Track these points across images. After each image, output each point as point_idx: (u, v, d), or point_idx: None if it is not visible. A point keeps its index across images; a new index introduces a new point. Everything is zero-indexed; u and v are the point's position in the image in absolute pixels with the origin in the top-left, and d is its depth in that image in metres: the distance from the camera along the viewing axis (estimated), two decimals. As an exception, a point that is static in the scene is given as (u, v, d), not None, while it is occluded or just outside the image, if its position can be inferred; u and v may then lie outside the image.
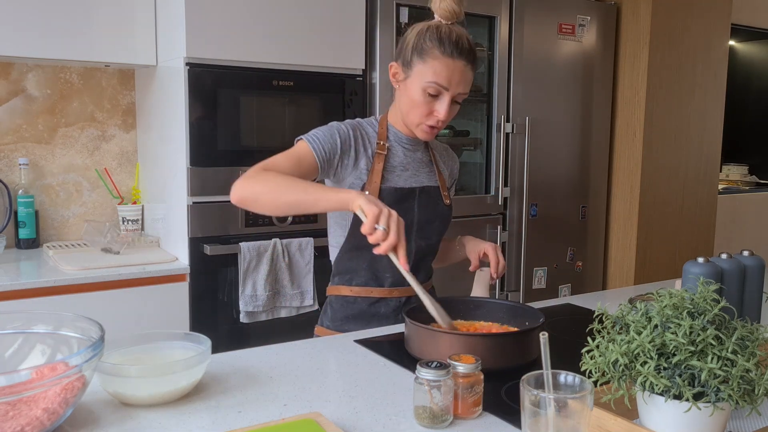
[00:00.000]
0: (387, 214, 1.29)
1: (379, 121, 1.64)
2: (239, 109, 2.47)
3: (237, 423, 1.05)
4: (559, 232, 3.43)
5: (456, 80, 1.49)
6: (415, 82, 1.51)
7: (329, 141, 1.53)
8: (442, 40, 1.47)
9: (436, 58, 1.47)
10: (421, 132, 1.57)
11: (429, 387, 1.03)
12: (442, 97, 1.50)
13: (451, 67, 1.47)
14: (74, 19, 2.43)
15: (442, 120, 1.52)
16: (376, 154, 1.59)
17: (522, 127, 3.19)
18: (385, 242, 1.28)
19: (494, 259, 1.64)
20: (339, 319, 1.65)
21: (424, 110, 1.52)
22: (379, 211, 1.28)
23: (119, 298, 2.27)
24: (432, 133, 1.57)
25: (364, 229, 1.29)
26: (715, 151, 3.84)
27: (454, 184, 1.80)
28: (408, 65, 1.52)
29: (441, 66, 1.47)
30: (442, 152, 1.76)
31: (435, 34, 1.48)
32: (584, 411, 0.87)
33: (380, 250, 1.29)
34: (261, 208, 1.42)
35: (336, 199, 1.35)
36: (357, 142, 1.58)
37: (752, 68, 5.29)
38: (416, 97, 1.51)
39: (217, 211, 2.46)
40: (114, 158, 2.85)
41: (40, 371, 0.94)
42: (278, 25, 2.51)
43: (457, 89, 1.50)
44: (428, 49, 1.48)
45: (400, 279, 1.62)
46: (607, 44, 3.49)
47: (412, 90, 1.52)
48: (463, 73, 1.49)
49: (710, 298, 0.96)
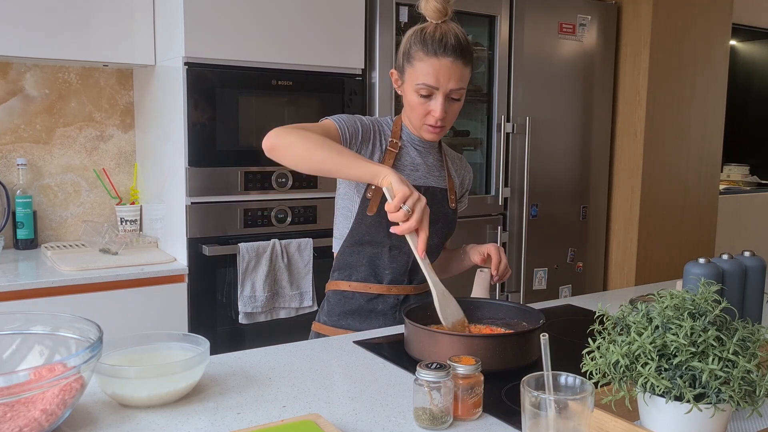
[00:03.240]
0: (416, 198, 1.30)
1: (395, 120, 1.67)
2: (238, 109, 2.47)
3: (236, 424, 1.04)
4: (560, 232, 3.42)
5: (444, 78, 1.51)
6: (408, 87, 1.56)
7: (353, 125, 1.57)
8: (425, 42, 1.51)
9: (421, 60, 1.51)
10: (426, 133, 1.60)
11: (429, 388, 1.02)
12: (435, 97, 1.53)
13: (437, 66, 1.50)
14: (72, 19, 2.42)
15: (439, 118, 1.54)
16: (388, 151, 1.61)
17: (522, 127, 3.19)
18: (405, 223, 1.30)
19: (496, 257, 1.65)
20: (336, 315, 1.66)
21: (421, 111, 1.55)
22: (408, 193, 1.30)
23: (118, 298, 2.27)
24: (436, 133, 1.59)
25: (388, 207, 1.30)
26: (716, 151, 3.84)
27: (466, 193, 1.82)
28: (402, 71, 1.58)
29: (427, 67, 1.51)
30: (455, 161, 1.78)
31: (419, 36, 1.52)
32: (585, 412, 0.86)
33: (398, 229, 1.31)
34: (291, 158, 1.42)
35: (367, 169, 1.36)
36: (375, 136, 1.61)
37: (753, 68, 5.29)
38: (412, 100, 1.55)
39: (216, 212, 2.45)
40: (112, 158, 2.84)
41: (38, 372, 0.94)
42: (277, 24, 2.50)
43: (448, 86, 1.52)
44: (414, 52, 1.52)
45: (399, 277, 1.62)
46: (607, 44, 3.48)
47: (408, 94, 1.56)
48: (450, 70, 1.51)
49: (711, 298, 0.96)
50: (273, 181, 2.52)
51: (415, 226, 1.30)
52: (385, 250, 1.60)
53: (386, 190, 1.33)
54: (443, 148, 1.74)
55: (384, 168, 1.34)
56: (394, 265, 1.61)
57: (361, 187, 1.60)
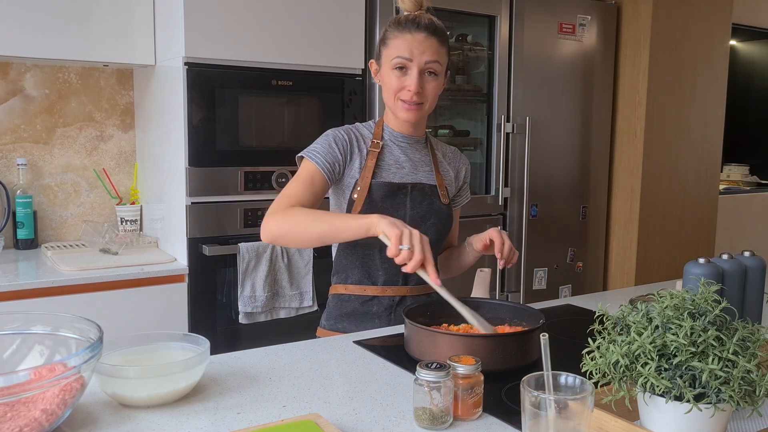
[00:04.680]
0: (408, 234, 1.34)
1: (376, 122, 1.68)
2: (238, 109, 2.47)
3: (236, 424, 1.04)
4: (560, 232, 3.42)
5: (418, 50, 1.53)
6: (385, 68, 1.59)
7: (329, 153, 1.59)
8: (399, 22, 1.57)
9: (396, 37, 1.56)
10: (401, 111, 1.60)
11: (429, 388, 1.02)
12: (410, 71, 1.55)
13: (410, 40, 1.54)
14: (73, 19, 2.42)
15: (414, 92, 1.55)
16: (370, 152, 1.63)
17: (522, 127, 3.19)
18: (411, 261, 1.33)
19: (498, 241, 1.59)
20: (333, 318, 1.68)
21: (396, 86, 1.57)
22: (400, 233, 1.33)
23: (118, 298, 2.27)
24: (412, 110, 1.58)
25: (390, 252, 1.34)
26: (716, 151, 3.84)
27: (465, 186, 1.81)
28: (378, 57, 1.62)
29: (400, 42, 1.55)
30: (448, 153, 1.77)
31: (394, 20, 1.58)
32: (585, 412, 0.86)
33: (408, 269, 1.34)
34: (292, 243, 1.52)
35: (358, 226, 1.41)
36: (352, 144, 1.63)
37: (753, 68, 5.29)
38: (387, 79, 1.58)
39: (216, 212, 2.45)
40: (112, 158, 2.84)
41: (38, 372, 0.94)
42: (277, 24, 2.50)
43: (422, 58, 1.54)
44: (389, 34, 1.58)
45: (393, 277, 1.63)
46: (607, 44, 3.48)
47: (385, 75, 1.59)
48: (423, 43, 1.54)
49: (711, 298, 0.96)
50: (273, 181, 2.52)
51: (421, 258, 1.32)
52: (375, 251, 1.61)
53: (383, 238, 1.37)
54: (432, 143, 1.73)
55: (372, 218, 1.39)
56: (386, 265, 1.61)
57: (346, 192, 1.62)
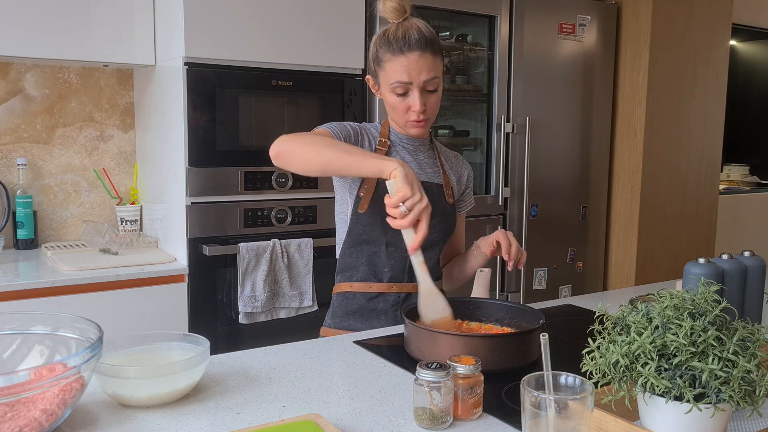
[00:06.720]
0: (416, 200, 1.30)
1: (382, 123, 1.70)
2: (238, 109, 2.47)
3: (236, 424, 1.04)
4: (560, 232, 3.42)
5: (415, 72, 1.53)
6: (384, 89, 1.59)
7: (345, 130, 1.60)
8: (389, 42, 1.55)
9: (390, 61, 1.54)
10: (411, 129, 1.62)
11: (429, 388, 1.02)
12: (411, 92, 1.56)
13: (405, 63, 1.53)
14: (73, 19, 2.42)
15: (420, 111, 1.56)
16: (377, 150, 1.63)
17: (522, 127, 3.19)
18: (401, 220, 1.31)
19: (505, 242, 1.62)
20: (339, 316, 1.68)
21: (401, 109, 1.58)
22: (410, 194, 1.30)
23: (118, 298, 2.27)
24: (420, 126, 1.61)
25: (387, 200, 1.32)
26: (716, 151, 3.84)
27: (468, 191, 1.81)
28: (375, 76, 1.61)
29: (396, 66, 1.54)
30: (450, 158, 1.78)
31: (383, 39, 1.57)
32: (585, 412, 0.86)
33: (392, 223, 1.33)
34: (298, 161, 1.43)
35: (374, 164, 1.36)
36: (363, 138, 1.64)
37: (753, 68, 5.29)
38: (390, 100, 1.58)
39: (216, 212, 2.45)
40: (112, 158, 2.84)
41: (38, 372, 0.94)
42: (277, 24, 2.50)
43: (420, 78, 1.54)
44: (381, 55, 1.56)
45: (399, 274, 1.63)
46: (607, 44, 3.48)
47: (386, 96, 1.60)
48: (419, 63, 1.53)
49: (711, 298, 0.96)
50: (273, 181, 2.52)
51: (408, 225, 1.31)
52: (382, 248, 1.62)
53: (389, 184, 1.33)
54: (436, 146, 1.75)
55: (393, 162, 1.34)
56: (392, 262, 1.62)
57: (354, 187, 1.62)
